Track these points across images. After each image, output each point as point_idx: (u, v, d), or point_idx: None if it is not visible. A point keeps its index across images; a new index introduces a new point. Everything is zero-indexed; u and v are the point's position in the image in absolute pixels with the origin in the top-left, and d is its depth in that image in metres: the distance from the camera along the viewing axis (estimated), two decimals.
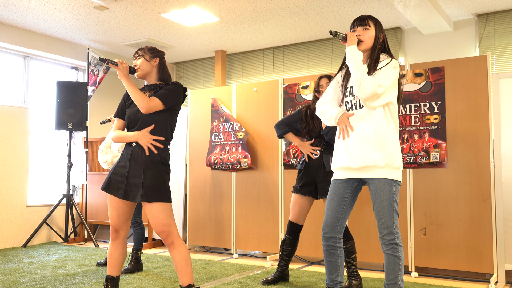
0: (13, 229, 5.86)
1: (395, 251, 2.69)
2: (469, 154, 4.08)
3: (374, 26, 2.71)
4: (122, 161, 2.88)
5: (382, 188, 2.61)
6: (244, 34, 6.58)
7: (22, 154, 6.00)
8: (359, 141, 2.64)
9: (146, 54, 2.98)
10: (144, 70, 2.96)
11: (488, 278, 4.08)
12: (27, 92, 6.58)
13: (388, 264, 2.71)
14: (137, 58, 2.98)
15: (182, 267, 2.78)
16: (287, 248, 3.85)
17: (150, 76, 2.98)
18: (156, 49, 3.04)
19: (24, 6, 5.49)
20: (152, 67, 2.98)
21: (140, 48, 3.03)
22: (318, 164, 3.66)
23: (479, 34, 5.76)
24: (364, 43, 2.68)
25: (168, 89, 2.88)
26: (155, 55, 3.00)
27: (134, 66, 2.95)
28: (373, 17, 2.75)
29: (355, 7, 5.54)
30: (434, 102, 4.23)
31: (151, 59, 2.98)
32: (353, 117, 2.69)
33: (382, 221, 2.63)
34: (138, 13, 5.71)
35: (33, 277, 4.07)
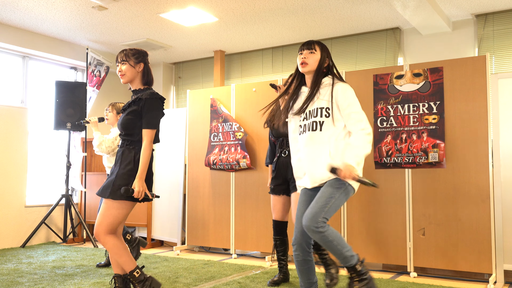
0: (11, 229, 5.85)
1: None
2: (468, 154, 4.09)
3: (320, 50, 2.83)
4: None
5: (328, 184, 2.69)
6: (243, 34, 6.58)
7: (20, 154, 5.99)
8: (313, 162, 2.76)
9: (130, 59, 2.99)
10: (129, 77, 3.00)
11: (487, 278, 4.08)
12: (25, 92, 6.57)
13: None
14: (122, 63, 2.99)
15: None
16: (280, 249, 3.91)
17: (135, 81, 3.03)
18: (140, 53, 3.05)
19: (23, 6, 5.49)
20: (137, 73, 3.02)
21: (123, 51, 3.02)
22: (287, 163, 3.72)
23: (478, 35, 5.76)
24: (309, 65, 2.81)
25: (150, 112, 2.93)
26: (139, 60, 3.02)
27: (119, 72, 2.99)
28: (320, 42, 2.88)
29: (354, 7, 5.54)
30: (433, 102, 4.23)
31: (135, 64, 3.01)
32: (307, 138, 2.78)
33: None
34: (137, 13, 5.71)
35: (32, 277, 4.06)
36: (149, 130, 2.92)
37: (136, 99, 2.96)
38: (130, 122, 2.95)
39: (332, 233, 2.59)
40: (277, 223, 3.90)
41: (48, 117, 6.60)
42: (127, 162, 2.92)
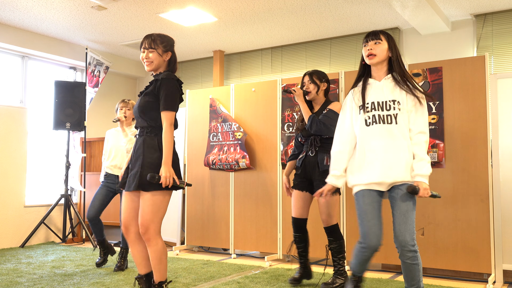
0: (11, 229, 5.85)
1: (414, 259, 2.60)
2: (467, 154, 4.09)
3: (387, 40, 2.73)
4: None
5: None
6: (242, 34, 6.58)
7: (20, 154, 5.99)
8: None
9: (159, 47, 2.85)
10: (156, 65, 2.86)
11: (486, 278, 4.08)
12: (25, 92, 6.57)
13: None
14: (150, 50, 2.84)
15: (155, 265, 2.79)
16: (300, 245, 3.78)
17: (160, 69, 2.89)
18: (169, 41, 2.91)
19: (22, 6, 5.48)
20: (163, 61, 2.88)
21: (151, 37, 2.86)
22: (314, 163, 3.65)
23: (477, 35, 5.77)
24: (377, 57, 2.71)
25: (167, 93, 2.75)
26: (167, 48, 2.88)
27: (147, 59, 2.83)
28: (385, 32, 2.77)
29: (353, 7, 5.55)
30: (432, 102, 4.24)
31: (164, 53, 2.87)
32: (379, 131, 2.65)
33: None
34: (136, 13, 5.71)
35: (31, 277, 4.06)
36: (167, 112, 2.73)
37: (153, 80, 2.82)
38: (148, 105, 2.78)
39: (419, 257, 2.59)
40: (295, 220, 3.76)
41: (48, 117, 6.60)
42: (152, 150, 2.74)
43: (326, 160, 3.55)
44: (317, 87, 3.68)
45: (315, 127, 3.56)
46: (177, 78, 2.83)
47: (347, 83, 4.67)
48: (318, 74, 3.72)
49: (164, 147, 2.69)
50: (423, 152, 2.59)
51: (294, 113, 4.88)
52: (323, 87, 3.71)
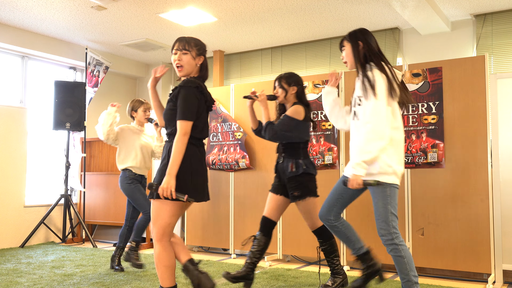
0: (10, 229, 5.85)
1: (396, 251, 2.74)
2: (467, 154, 4.09)
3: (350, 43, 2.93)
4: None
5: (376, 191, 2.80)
6: (242, 34, 6.58)
7: (20, 154, 5.99)
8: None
9: (193, 49, 2.75)
10: (188, 70, 2.76)
11: (486, 278, 4.08)
12: (25, 92, 6.57)
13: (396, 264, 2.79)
14: (183, 52, 2.73)
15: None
16: (256, 244, 3.67)
17: (191, 74, 2.80)
18: (202, 45, 2.80)
19: (22, 6, 5.48)
20: (195, 66, 2.79)
21: (184, 39, 2.75)
22: (282, 169, 3.64)
23: (477, 35, 5.77)
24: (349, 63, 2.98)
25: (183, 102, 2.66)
26: (201, 52, 2.79)
27: (179, 61, 2.74)
28: (347, 35, 2.95)
29: (353, 7, 5.55)
30: (432, 102, 4.24)
31: (197, 56, 2.77)
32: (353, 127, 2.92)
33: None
34: (136, 13, 5.71)
35: (31, 278, 4.06)
36: (181, 121, 2.62)
37: (175, 87, 2.72)
38: (170, 113, 2.71)
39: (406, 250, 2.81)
40: (265, 220, 3.69)
41: (48, 117, 6.60)
42: (163, 157, 2.72)
43: (290, 167, 3.57)
44: (285, 92, 3.65)
45: (267, 134, 3.56)
46: (197, 85, 2.71)
47: (347, 83, 4.67)
48: (287, 78, 3.68)
49: (171, 156, 2.60)
50: (361, 143, 2.72)
51: None
52: (292, 91, 3.65)
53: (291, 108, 3.59)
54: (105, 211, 6.42)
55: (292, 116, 3.52)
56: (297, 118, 3.52)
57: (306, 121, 3.59)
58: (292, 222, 4.84)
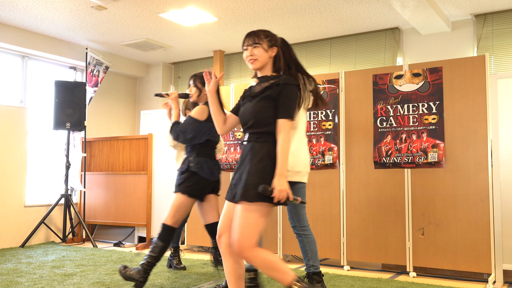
0: (11, 229, 5.85)
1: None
2: (467, 154, 4.09)
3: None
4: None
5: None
6: (242, 34, 6.58)
7: (20, 154, 5.99)
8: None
9: (263, 42, 2.63)
10: (262, 62, 2.62)
11: (486, 278, 4.08)
12: (25, 92, 6.57)
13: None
14: (254, 46, 2.61)
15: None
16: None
17: (265, 67, 2.66)
18: (273, 36, 2.69)
19: (22, 6, 5.48)
20: (269, 58, 2.65)
21: (254, 33, 2.64)
22: None
23: (477, 35, 5.77)
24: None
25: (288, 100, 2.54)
26: (272, 43, 2.67)
27: (251, 56, 2.62)
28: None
29: (353, 7, 5.55)
30: (432, 102, 4.24)
31: (269, 48, 2.65)
32: None
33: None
34: (136, 13, 5.71)
35: (31, 277, 4.06)
36: (286, 120, 2.51)
37: (272, 84, 2.57)
38: (265, 110, 2.54)
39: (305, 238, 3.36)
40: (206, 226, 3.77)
41: (48, 117, 6.60)
42: (260, 158, 2.50)
43: (183, 161, 3.64)
44: (199, 91, 3.67)
45: (173, 135, 3.58)
46: (298, 83, 2.63)
47: (347, 83, 4.67)
48: (202, 78, 3.67)
49: (281, 156, 2.46)
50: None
51: None
52: (206, 91, 3.67)
53: (195, 108, 3.60)
54: (105, 211, 6.42)
55: (194, 117, 3.53)
56: (199, 118, 3.52)
57: (210, 121, 3.52)
58: None
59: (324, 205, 4.67)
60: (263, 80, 2.62)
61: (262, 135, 2.54)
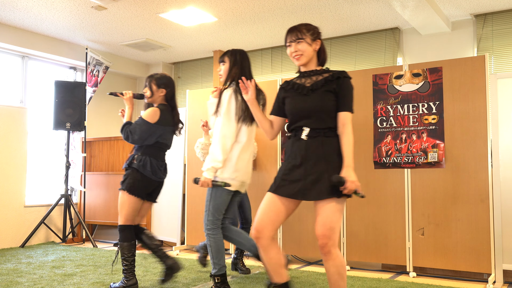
0: (11, 229, 5.85)
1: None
2: (467, 154, 4.09)
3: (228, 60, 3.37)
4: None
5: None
6: (242, 34, 6.58)
7: (20, 154, 5.99)
8: None
9: (307, 36, 2.56)
10: (307, 57, 2.58)
11: (486, 278, 4.08)
12: (25, 92, 6.57)
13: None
14: (298, 42, 2.56)
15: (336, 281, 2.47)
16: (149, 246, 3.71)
17: (311, 61, 2.61)
18: (315, 29, 2.62)
19: (22, 6, 5.49)
20: (313, 51, 2.60)
21: (296, 29, 2.58)
22: None
23: (477, 35, 5.77)
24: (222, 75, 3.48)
25: (350, 94, 2.56)
26: (315, 36, 2.60)
27: (296, 52, 2.57)
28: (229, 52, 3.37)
29: (353, 7, 5.55)
30: (432, 102, 4.24)
31: (312, 42, 2.58)
32: None
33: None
34: (136, 13, 5.71)
35: (31, 277, 4.06)
36: (350, 114, 2.54)
37: (332, 77, 2.55)
38: (332, 104, 2.52)
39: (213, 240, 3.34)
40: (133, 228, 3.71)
41: (48, 117, 6.60)
42: (336, 153, 2.50)
43: (128, 158, 3.68)
44: (152, 93, 3.68)
45: (123, 135, 3.59)
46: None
47: None
48: (158, 79, 3.68)
49: (349, 149, 2.47)
50: (212, 151, 3.24)
51: None
52: (161, 93, 3.68)
53: (147, 110, 3.61)
54: (105, 211, 6.43)
55: (144, 119, 3.54)
56: (149, 120, 3.53)
57: (161, 124, 3.58)
58: (292, 222, 4.84)
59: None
60: (312, 74, 2.59)
61: (329, 130, 2.52)
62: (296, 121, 2.56)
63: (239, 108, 3.23)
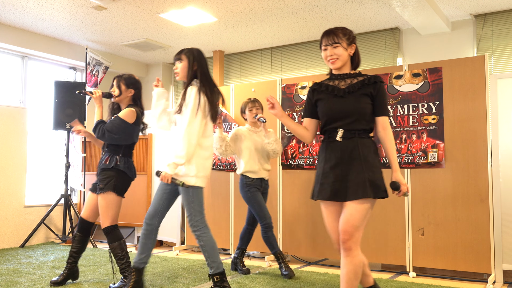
0: (11, 229, 5.85)
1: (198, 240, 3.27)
2: (467, 154, 4.09)
3: (187, 58, 3.31)
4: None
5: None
6: (242, 34, 6.58)
7: (20, 154, 5.99)
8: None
9: (343, 41, 2.59)
10: (343, 61, 2.61)
11: (486, 278, 4.08)
12: (25, 92, 6.57)
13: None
14: (334, 46, 2.59)
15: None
16: (77, 245, 3.82)
17: (346, 65, 2.64)
18: (350, 33, 2.64)
19: (22, 6, 5.48)
20: (348, 56, 2.63)
21: (332, 32, 2.60)
22: (100, 162, 3.78)
23: (477, 35, 5.77)
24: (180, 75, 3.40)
25: (386, 98, 2.61)
26: (351, 41, 2.63)
27: (332, 56, 2.59)
28: (187, 50, 3.33)
29: (353, 7, 5.55)
30: (432, 102, 4.24)
31: (348, 46, 2.61)
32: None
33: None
34: (136, 13, 5.71)
35: (31, 278, 4.06)
36: (387, 118, 2.59)
37: (368, 81, 2.58)
38: (367, 107, 2.56)
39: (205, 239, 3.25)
40: (82, 221, 3.83)
41: (48, 117, 6.60)
42: (373, 153, 2.54)
43: (105, 160, 3.69)
44: (120, 92, 3.75)
45: (97, 134, 3.65)
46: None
47: None
48: (126, 79, 3.77)
49: (394, 153, 2.55)
50: (176, 147, 3.18)
51: (294, 113, 4.89)
52: (129, 93, 3.76)
53: (124, 110, 3.69)
54: None
55: (123, 118, 3.62)
56: (128, 121, 3.63)
57: (137, 124, 3.70)
58: (292, 222, 4.84)
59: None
60: (345, 77, 2.62)
61: (363, 131, 2.55)
62: (330, 122, 2.59)
63: (204, 105, 3.23)
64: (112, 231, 3.66)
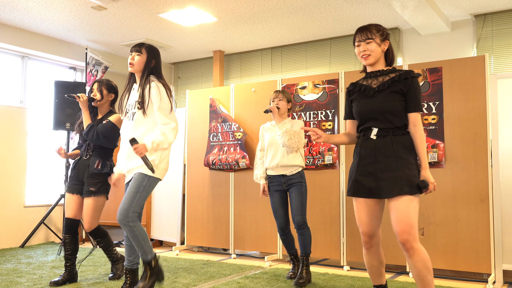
0: (10, 229, 5.85)
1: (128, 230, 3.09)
2: (467, 154, 4.09)
3: (147, 53, 3.20)
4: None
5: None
6: (242, 34, 6.58)
7: (20, 154, 5.99)
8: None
9: (376, 36, 2.58)
10: (375, 57, 2.59)
11: (486, 278, 4.08)
12: (25, 92, 6.57)
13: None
14: (367, 42, 2.59)
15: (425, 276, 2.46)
16: (70, 247, 3.84)
17: (378, 62, 2.63)
18: (384, 29, 2.62)
19: (22, 6, 5.49)
20: (382, 52, 2.61)
21: (366, 28, 2.60)
22: (86, 165, 3.82)
23: (477, 35, 5.77)
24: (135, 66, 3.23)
25: (419, 94, 2.56)
26: (384, 37, 2.61)
27: (365, 51, 2.59)
28: (147, 45, 3.24)
29: (353, 8, 5.55)
30: (432, 102, 4.24)
31: (381, 42, 2.60)
32: (126, 127, 3.27)
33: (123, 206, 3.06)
34: (136, 13, 5.71)
35: (31, 278, 4.06)
36: (419, 114, 2.57)
37: (399, 78, 2.55)
38: (398, 104, 2.54)
39: (140, 229, 3.07)
40: (68, 221, 3.85)
41: (48, 117, 6.60)
42: (408, 151, 2.53)
43: (97, 163, 3.77)
44: (102, 96, 3.85)
45: (91, 137, 3.74)
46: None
47: (347, 83, 4.67)
48: (107, 84, 3.90)
49: (424, 151, 2.54)
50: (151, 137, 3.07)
51: (294, 113, 4.89)
52: (110, 97, 3.90)
53: (114, 116, 3.83)
54: (105, 211, 6.41)
55: (116, 124, 3.77)
56: (118, 126, 3.77)
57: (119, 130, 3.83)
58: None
59: (324, 205, 4.67)
60: (378, 74, 2.62)
61: (397, 129, 2.55)
62: (364, 122, 2.62)
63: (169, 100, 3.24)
64: (98, 229, 3.90)
